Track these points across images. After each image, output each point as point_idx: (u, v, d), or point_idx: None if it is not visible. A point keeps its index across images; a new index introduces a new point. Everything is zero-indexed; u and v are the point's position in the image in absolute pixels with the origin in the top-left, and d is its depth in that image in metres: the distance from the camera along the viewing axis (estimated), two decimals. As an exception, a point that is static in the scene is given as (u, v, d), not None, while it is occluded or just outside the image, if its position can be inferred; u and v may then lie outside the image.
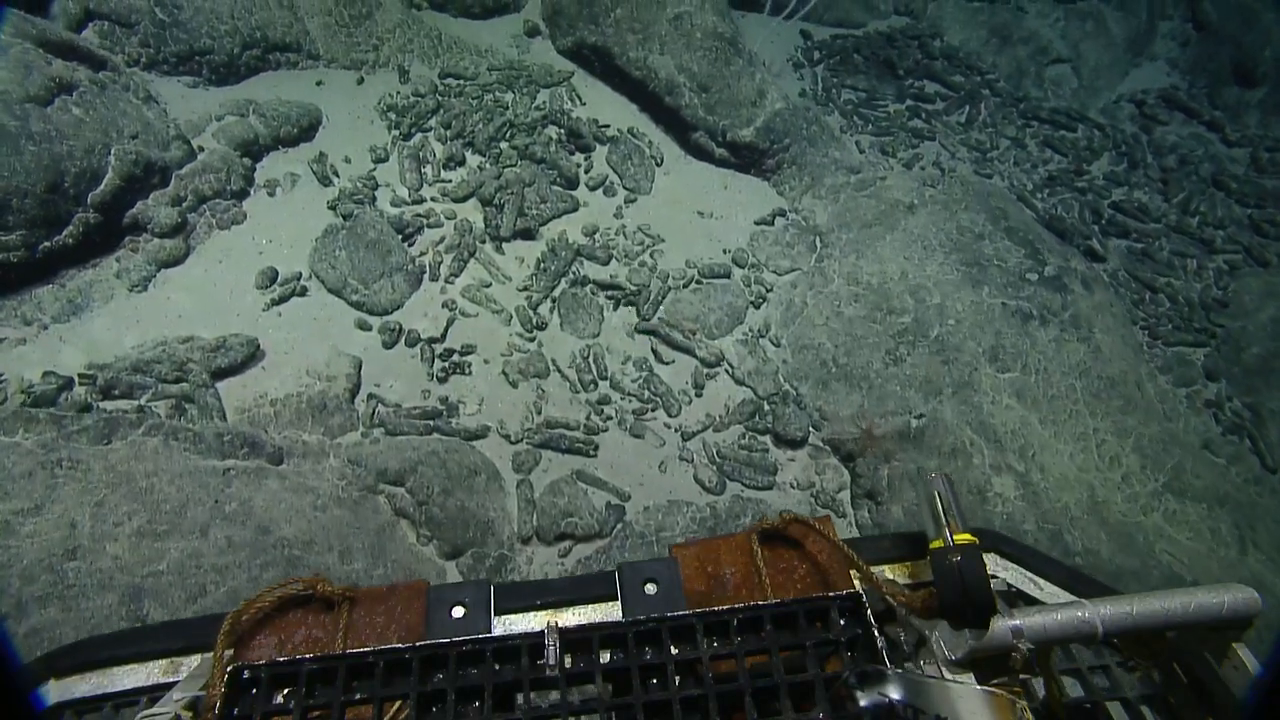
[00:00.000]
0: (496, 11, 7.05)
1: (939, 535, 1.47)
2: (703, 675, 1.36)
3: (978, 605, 1.37)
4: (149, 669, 1.52)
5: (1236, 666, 1.33)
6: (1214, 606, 1.28)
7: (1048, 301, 5.60)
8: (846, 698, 1.33)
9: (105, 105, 4.81)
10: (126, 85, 5.11)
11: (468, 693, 1.36)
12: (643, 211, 6.17)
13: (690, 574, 1.64)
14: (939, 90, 7.61)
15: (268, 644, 1.52)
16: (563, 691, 1.35)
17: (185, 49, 5.67)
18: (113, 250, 4.96)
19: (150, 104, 5.19)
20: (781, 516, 1.68)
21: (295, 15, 6.27)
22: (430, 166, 6.00)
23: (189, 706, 1.33)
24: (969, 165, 7.01)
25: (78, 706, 1.49)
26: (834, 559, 1.63)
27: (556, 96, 6.56)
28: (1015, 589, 1.63)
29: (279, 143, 5.86)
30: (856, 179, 6.44)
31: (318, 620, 1.56)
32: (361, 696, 1.36)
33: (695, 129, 6.27)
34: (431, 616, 1.55)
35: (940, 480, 1.55)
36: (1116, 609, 1.31)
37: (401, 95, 6.40)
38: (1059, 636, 1.32)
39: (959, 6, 8.11)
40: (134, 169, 4.80)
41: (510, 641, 1.40)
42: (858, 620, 1.43)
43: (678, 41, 6.15)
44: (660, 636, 1.42)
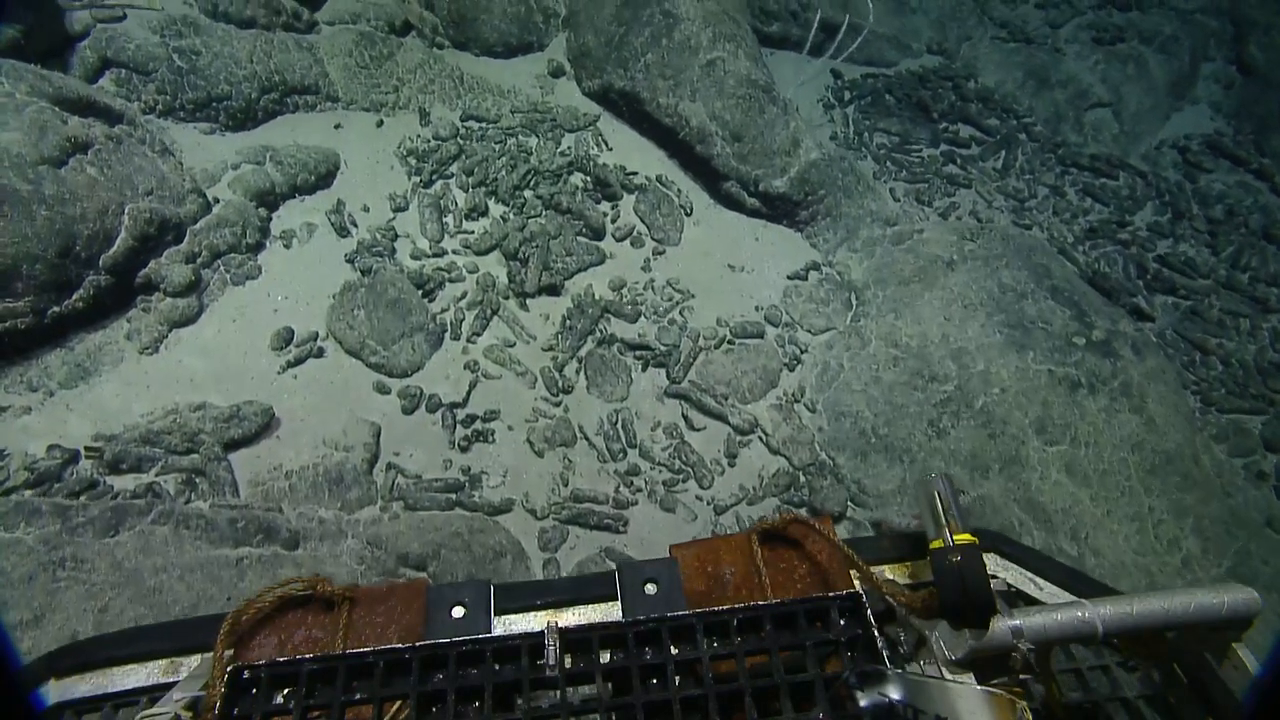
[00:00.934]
0: (520, 50, 6.85)
1: (939, 535, 1.45)
2: (703, 675, 1.35)
3: (978, 605, 1.35)
4: (149, 669, 1.51)
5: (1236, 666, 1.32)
6: (1214, 606, 1.27)
7: (1096, 368, 5.34)
8: (846, 698, 1.31)
9: (120, 162, 4.61)
10: (142, 138, 4.91)
11: (468, 693, 1.35)
12: (672, 264, 5.94)
13: (690, 574, 1.63)
14: (974, 134, 7.37)
15: (268, 644, 1.51)
16: (563, 691, 1.33)
17: (203, 95, 5.47)
18: (124, 310, 4.75)
19: (166, 156, 5.00)
20: (781, 516, 1.66)
21: (315, 57, 6.08)
22: (452, 216, 5.79)
23: (189, 706, 1.31)
24: (1007, 215, 6.77)
25: (78, 706, 1.48)
26: (834, 559, 1.62)
27: (582, 141, 6.35)
28: (1015, 589, 1.61)
29: (296, 191, 5.66)
30: (893, 232, 6.20)
31: (318, 620, 1.55)
32: (361, 696, 1.35)
33: (727, 178, 6.05)
34: (431, 616, 1.54)
35: (940, 480, 1.53)
36: (1116, 609, 1.30)
37: (422, 139, 6.20)
38: (1059, 636, 1.31)
39: (994, 47, 7.89)
40: (148, 228, 4.60)
41: (510, 641, 1.39)
42: (858, 620, 1.42)
43: (710, 89, 5.93)
44: (660, 636, 1.41)
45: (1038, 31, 7.89)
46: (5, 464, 4.03)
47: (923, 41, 7.94)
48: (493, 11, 6.62)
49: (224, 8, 5.70)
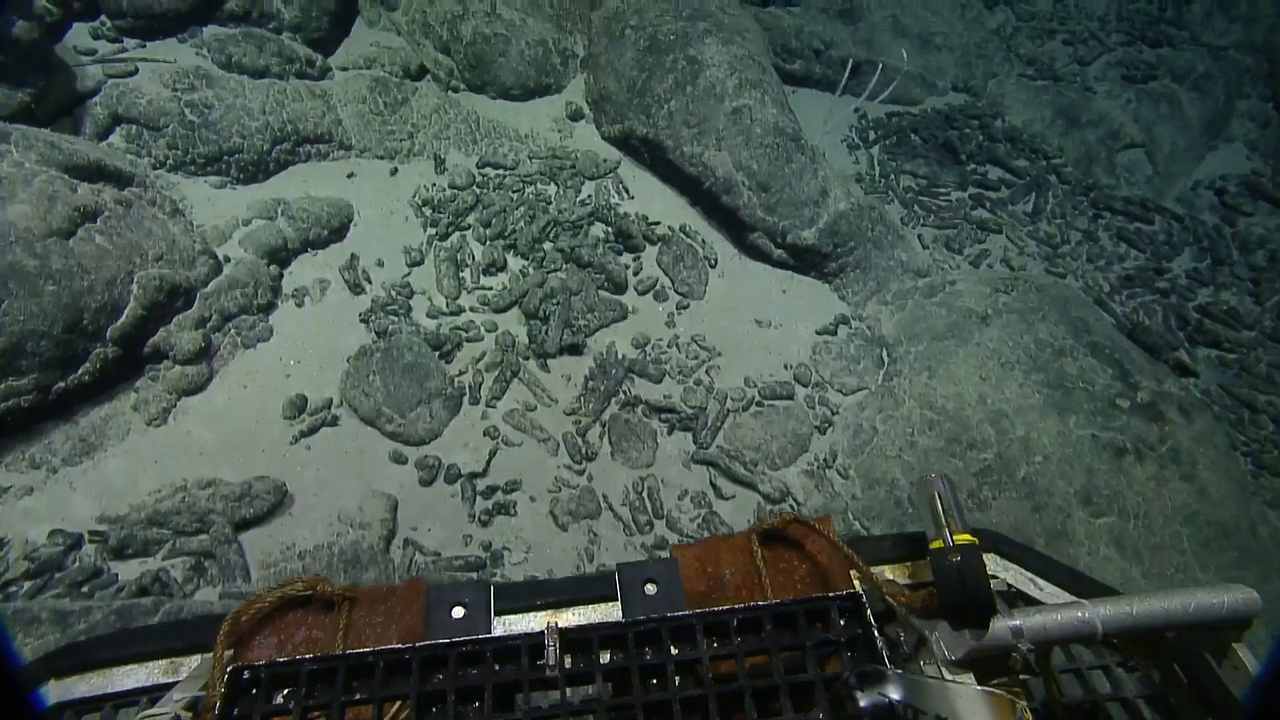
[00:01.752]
0: (537, 93, 6.68)
1: (939, 535, 1.45)
2: (703, 675, 1.35)
3: (978, 605, 1.35)
4: (149, 669, 1.51)
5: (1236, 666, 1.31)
6: (1214, 606, 1.27)
7: (1143, 433, 5.10)
8: (846, 698, 1.31)
9: (130, 227, 4.44)
10: (153, 199, 4.74)
11: (468, 693, 1.34)
12: (696, 319, 5.74)
13: (690, 574, 1.63)
14: (1002, 176, 7.17)
15: (268, 644, 1.50)
16: (563, 692, 1.33)
17: (214, 149, 5.31)
18: (132, 380, 4.57)
19: (176, 217, 4.83)
20: (781, 516, 1.67)
21: (328, 104, 5.92)
22: (469, 271, 5.60)
23: (189, 707, 1.31)
24: (1039, 262, 6.56)
25: (78, 706, 1.48)
26: (834, 559, 1.61)
27: (603, 189, 6.16)
28: (1015, 589, 1.61)
29: (309, 245, 5.49)
30: (924, 283, 5.99)
31: (318, 620, 1.54)
32: (361, 697, 1.34)
33: (753, 229, 5.85)
34: (431, 617, 1.54)
35: (940, 481, 1.52)
36: (1116, 609, 1.30)
37: (437, 188, 6.03)
38: (1059, 636, 1.31)
39: (1021, 85, 7.69)
40: (158, 296, 4.42)
41: (510, 642, 1.39)
42: (858, 620, 1.41)
43: (736, 137, 5.75)
44: (660, 637, 1.41)
45: (1066, 69, 7.70)
46: (5, 553, 3.84)
47: (948, 79, 7.76)
48: (510, 54, 6.46)
49: (237, 58, 5.55)
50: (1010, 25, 8.09)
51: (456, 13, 6.44)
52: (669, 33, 6.03)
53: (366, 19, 6.55)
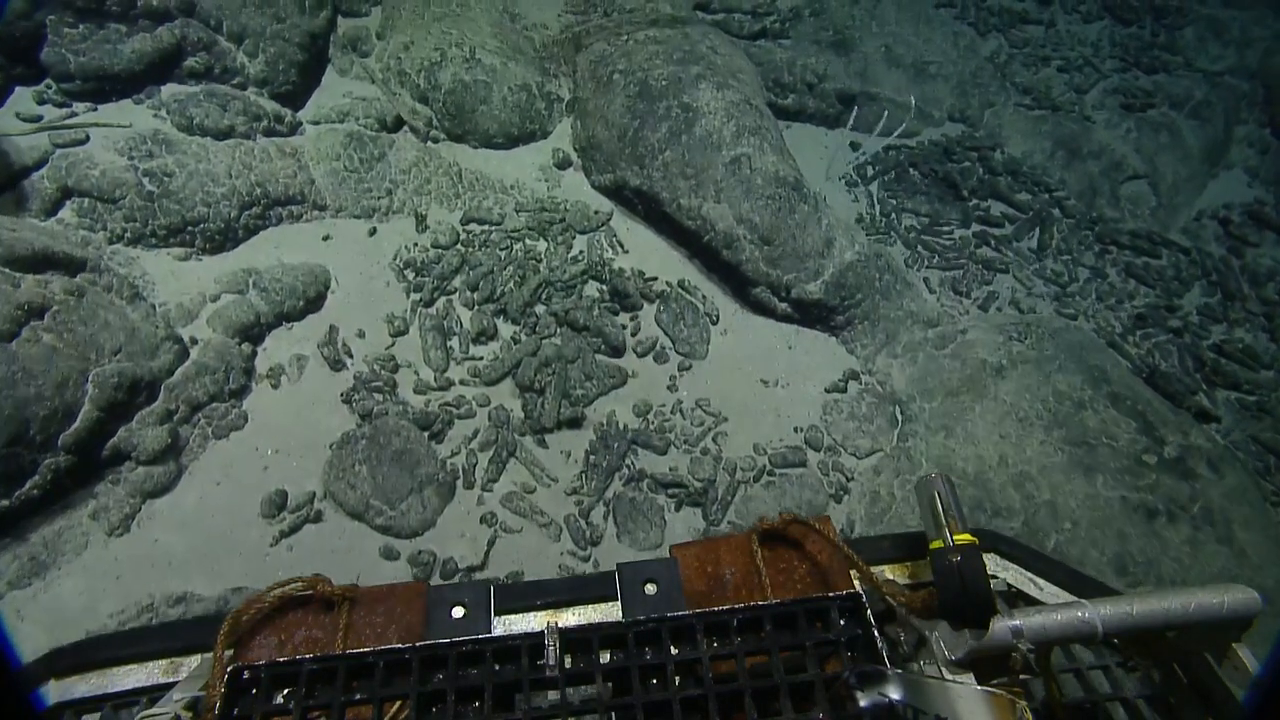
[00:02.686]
0: (521, 140, 6.35)
1: (939, 535, 1.44)
2: (703, 675, 1.35)
3: (978, 605, 1.35)
4: (149, 669, 1.51)
5: (1236, 666, 1.31)
6: (1214, 606, 1.27)
7: (1173, 492, 4.88)
8: (846, 698, 1.31)
9: (83, 320, 4.04)
10: (109, 285, 4.34)
11: (468, 693, 1.34)
12: (699, 381, 5.43)
13: (690, 574, 1.62)
14: (1005, 211, 6.96)
15: (268, 644, 1.50)
16: (562, 692, 1.33)
17: (177, 220, 4.91)
18: (90, 486, 4.15)
19: (136, 302, 4.42)
20: (781, 516, 1.66)
21: (299, 163, 5.54)
22: (457, 339, 5.25)
23: (189, 706, 1.31)
24: (1049, 303, 6.34)
25: (78, 706, 1.48)
26: (834, 559, 1.61)
27: (595, 244, 5.84)
28: (1015, 589, 1.60)
29: (283, 318, 5.10)
30: (935, 334, 5.74)
31: (318, 620, 1.54)
32: (361, 696, 1.34)
33: (756, 284, 5.56)
34: (431, 617, 1.54)
35: (940, 481, 1.51)
36: (1116, 609, 1.30)
37: (420, 248, 5.67)
38: (1059, 636, 1.31)
39: (1019, 114, 7.50)
40: (116, 394, 4.02)
41: (510, 642, 1.39)
42: (858, 620, 1.41)
43: (736, 188, 5.46)
44: (660, 637, 1.41)
45: (1063, 98, 7.52)
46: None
47: (944, 109, 7.54)
48: (491, 101, 6.12)
49: (199, 119, 5.15)
50: (1004, 53, 7.91)
51: (434, 59, 6.09)
52: (660, 78, 5.73)
53: (338, 68, 6.19)
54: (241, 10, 5.38)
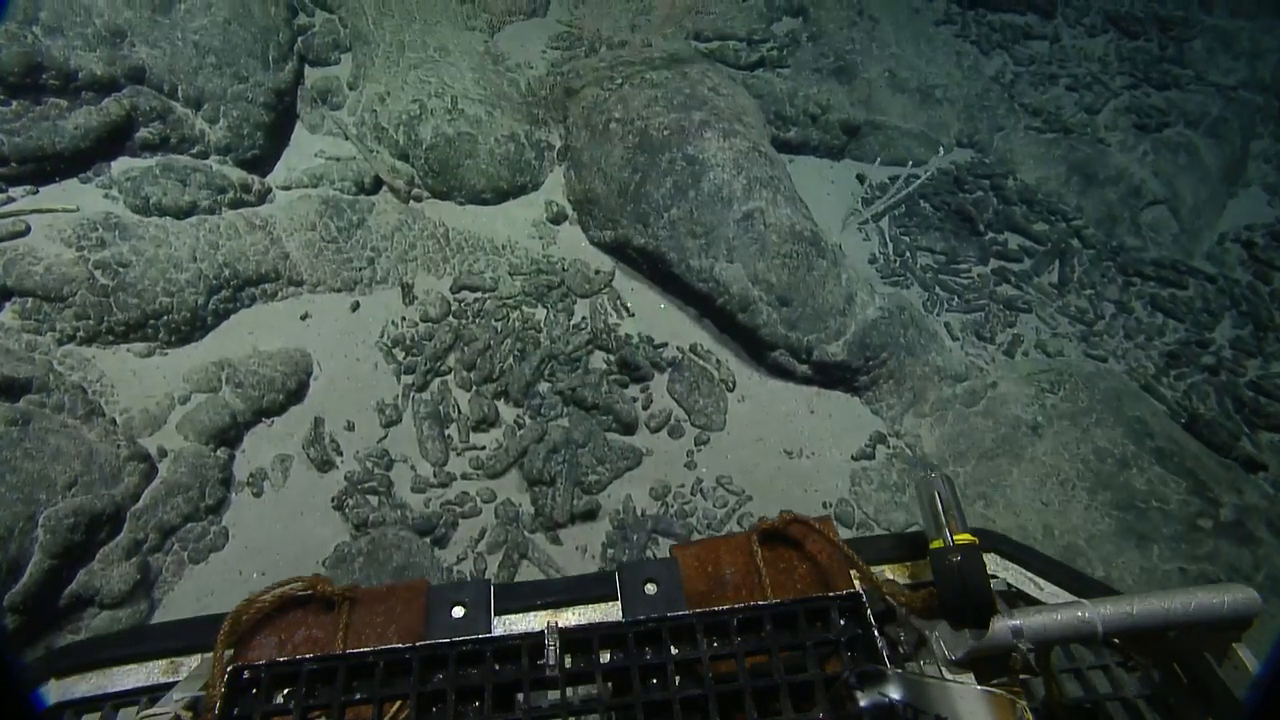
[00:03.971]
0: (511, 194, 5.89)
1: (939, 535, 1.43)
2: (703, 675, 1.34)
3: (978, 605, 1.34)
4: (149, 669, 1.50)
5: (1236, 666, 1.31)
6: (1214, 606, 1.26)
7: (1234, 559, 4.58)
8: (846, 698, 1.30)
9: (29, 453, 3.54)
10: (60, 404, 3.84)
11: (468, 693, 1.34)
12: (719, 455, 5.04)
13: (690, 574, 1.61)
14: (1023, 244, 6.63)
15: (268, 644, 1.48)
16: (563, 691, 1.32)
17: (136, 315, 4.41)
18: (48, 638, 3.66)
19: (93, 420, 3.93)
20: (781, 516, 1.64)
21: (271, 236, 5.05)
22: (456, 427, 4.81)
23: (189, 706, 1.31)
24: (1075, 344, 6.02)
25: (78, 706, 1.47)
26: (834, 559, 1.60)
27: (598, 308, 5.41)
28: (1015, 589, 1.60)
29: (262, 415, 4.63)
30: (963, 390, 5.39)
31: (318, 620, 1.53)
32: (361, 696, 1.34)
33: (774, 347, 5.17)
34: (431, 616, 1.52)
35: (940, 480, 1.51)
36: (1116, 609, 1.29)
37: (408, 322, 5.20)
38: (1059, 636, 1.31)
39: (1030, 138, 7.17)
40: (72, 536, 3.53)
41: (510, 641, 1.39)
42: (858, 620, 1.41)
43: (749, 246, 5.06)
44: (660, 636, 1.41)
45: (1075, 119, 7.21)
46: None
47: (952, 134, 7.20)
48: (478, 155, 5.66)
49: (156, 198, 4.64)
50: (1009, 71, 7.58)
51: (412, 112, 5.61)
52: (661, 127, 5.31)
53: (307, 124, 5.68)
54: (198, 73, 4.87)
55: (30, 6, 4.16)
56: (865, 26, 7.45)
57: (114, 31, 4.52)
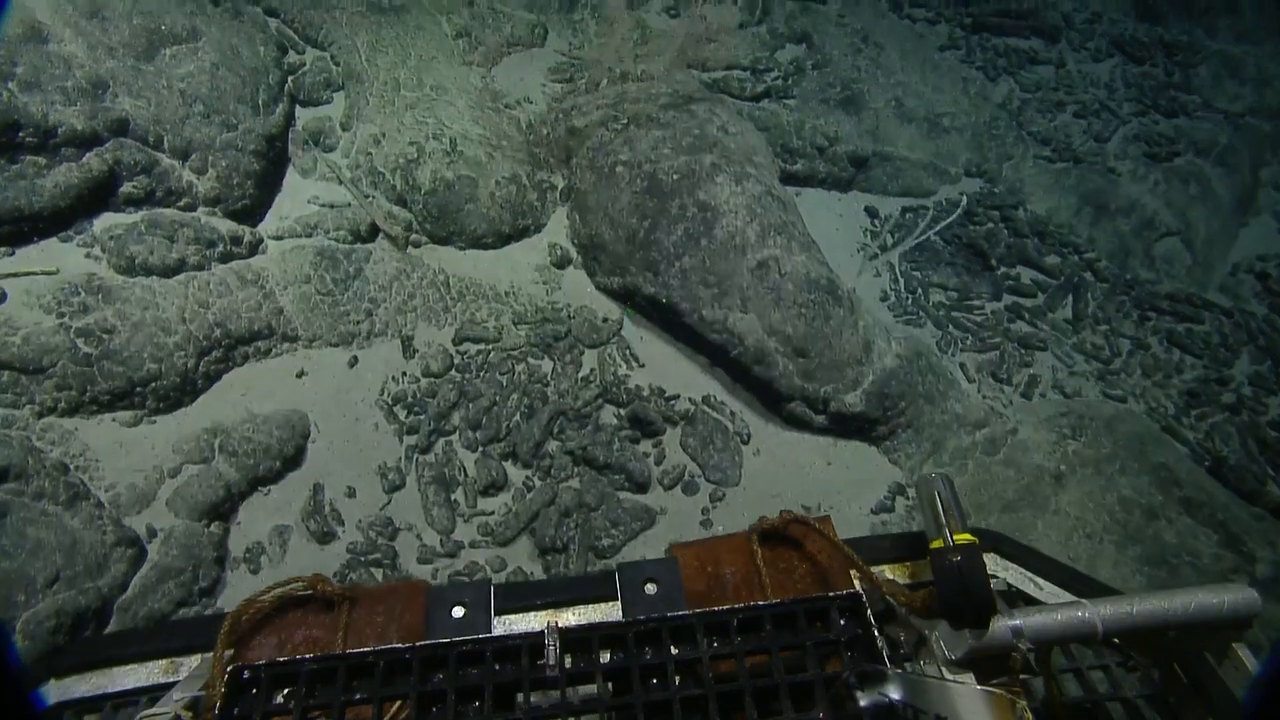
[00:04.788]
0: (514, 237, 5.68)
1: (939, 535, 1.42)
2: (703, 675, 1.34)
3: (978, 605, 1.33)
4: (149, 669, 1.50)
5: (1236, 666, 1.31)
6: (1214, 606, 1.26)
7: (1275, 618, 4.44)
8: (846, 698, 1.29)
9: (6, 551, 3.30)
10: (39, 491, 3.59)
11: (468, 693, 1.33)
12: (735, 511, 4.85)
13: (690, 574, 1.60)
14: (1035, 278, 6.50)
15: (268, 644, 1.48)
16: (563, 691, 1.32)
17: (122, 383, 4.16)
18: (32, 745, 3.41)
19: (76, 505, 3.68)
20: (781, 516, 1.62)
21: (264, 291, 4.81)
22: (463, 490, 4.59)
23: (189, 706, 1.30)
24: (1093, 383, 5.89)
25: (78, 706, 1.48)
26: (834, 559, 1.58)
27: (607, 359, 5.21)
28: (1015, 589, 1.59)
29: (258, 483, 4.39)
30: (983, 437, 5.24)
31: (318, 620, 1.52)
32: (362, 696, 1.33)
33: (790, 399, 5.00)
34: (431, 616, 1.52)
35: (940, 480, 1.50)
36: (1116, 609, 1.29)
37: (409, 377, 4.98)
38: (1059, 636, 1.31)
39: (1039, 168, 7.05)
40: (54, 639, 3.29)
41: (510, 642, 1.38)
42: (858, 620, 1.40)
43: (764, 296, 4.88)
44: (660, 636, 1.40)
45: (1084, 147, 7.09)
46: None
47: (960, 164, 7.06)
48: (479, 199, 5.44)
49: (142, 257, 4.40)
50: (1016, 98, 7.46)
51: (409, 155, 5.39)
52: (670, 171, 5.12)
53: (299, 168, 5.44)
54: (185, 123, 4.62)
55: (4, 63, 3.91)
56: (870, 53, 7.30)
57: (95, 83, 4.27)
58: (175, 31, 4.76)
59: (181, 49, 4.76)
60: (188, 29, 4.85)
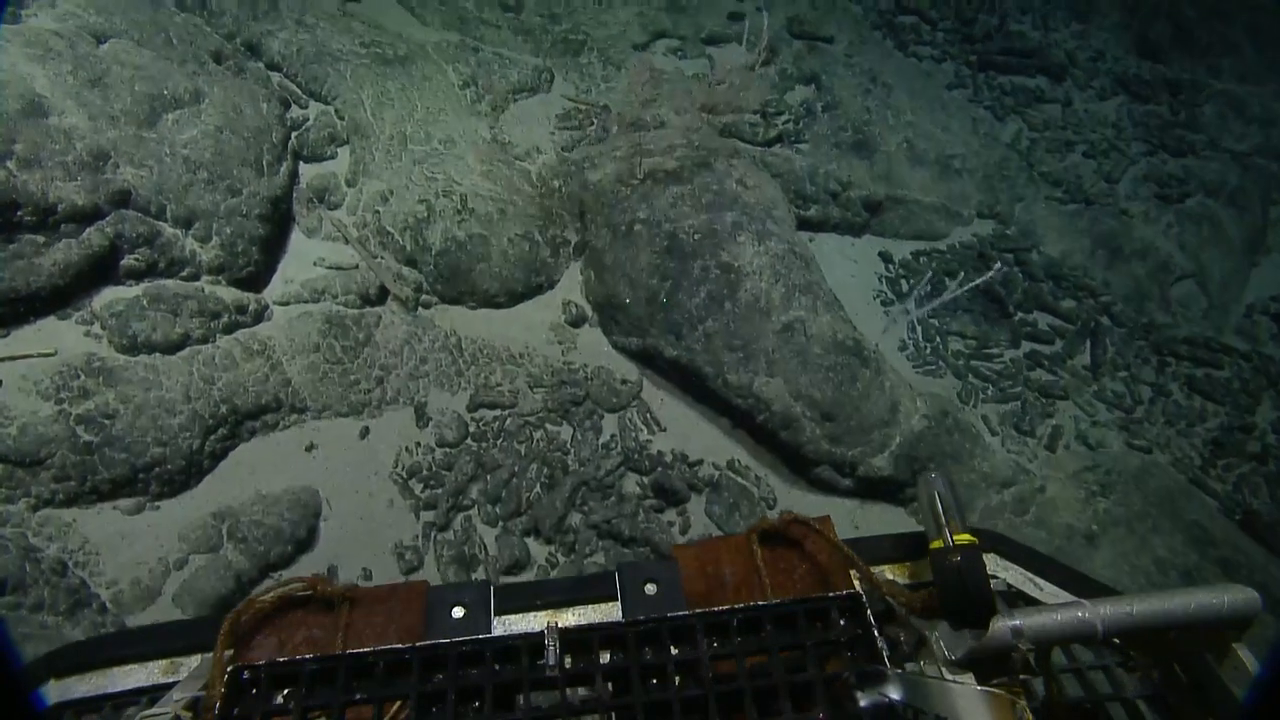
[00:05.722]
0: (526, 295, 5.52)
1: (939, 535, 1.43)
2: (703, 675, 1.34)
3: (978, 605, 1.34)
4: (149, 669, 1.50)
5: (1236, 666, 1.31)
6: (1214, 606, 1.27)
7: (1313, 688, 4.34)
8: (846, 698, 1.29)
9: None
10: (39, 602, 3.37)
11: (468, 693, 1.33)
12: (764, 583, 4.69)
13: (690, 574, 1.61)
14: (1052, 323, 6.43)
15: (268, 644, 1.48)
16: (563, 692, 1.32)
17: (124, 471, 3.95)
18: None
19: (78, 613, 3.46)
20: (781, 516, 1.64)
21: (271, 362, 4.62)
22: (484, 570, 4.40)
23: (189, 706, 1.31)
24: (1116, 433, 5.81)
25: (78, 706, 1.47)
26: (834, 559, 1.59)
27: (627, 424, 5.06)
28: (1015, 589, 1.60)
29: (269, 569, 4.18)
30: (1011, 496, 5.13)
31: (318, 620, 1.52)
32: (361, 697, 1.33)
33: (817, 464, 4.86)
34: (431, 617, 1.53)
35: (940, 480, 1.51)
36: (1116, 609, 1.30)
37: (423, 448, 4.80)
38: (1059, 636, 1.32)
39: (1051, 209, 7.00)
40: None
41: (510, 642, 1.38)
42: (858, 620, 1.40)
43: (791, 359, 4.75)
44: (660, 637, 1.40)
45: (1095, 188, 7.06)
46: None
47: (972, 206, 7.00)
48: (490, 257, 5.29)
49: (145, 335, 4.20)
50: (1025, 138, 7.43)
51: (419, 214, 5.22)
52: (691, 230, 4.99)
53: (304, 227, 5.26)
54: (188, 191, 4.44)
55: (3, 142, 3.71)
56: (879, 94, 7.24)
57: (97, 155, 4.08)
58: (178, 95, 4.58)
59: (184, 113, 4.58)
60: (190, 91, 4.67)
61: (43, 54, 4.03)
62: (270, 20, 5.66)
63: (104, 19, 4.47)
